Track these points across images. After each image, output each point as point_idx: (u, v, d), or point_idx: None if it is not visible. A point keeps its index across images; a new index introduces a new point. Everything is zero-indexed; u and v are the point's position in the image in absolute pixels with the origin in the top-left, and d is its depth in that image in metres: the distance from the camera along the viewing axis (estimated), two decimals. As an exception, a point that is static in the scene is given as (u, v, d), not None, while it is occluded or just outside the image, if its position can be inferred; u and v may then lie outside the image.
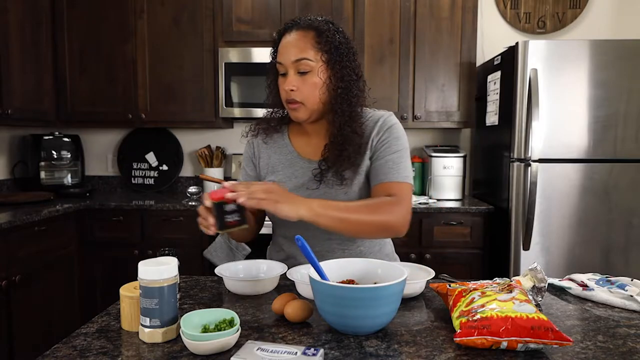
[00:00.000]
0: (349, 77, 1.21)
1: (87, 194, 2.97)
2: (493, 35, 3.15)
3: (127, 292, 0.92)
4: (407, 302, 1.07)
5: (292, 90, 1.19)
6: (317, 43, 1.19)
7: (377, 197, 1.18)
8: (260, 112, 2.84)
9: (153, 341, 0.85)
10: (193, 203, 2.71)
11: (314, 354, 0.76)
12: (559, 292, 1.16)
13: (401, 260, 1.39)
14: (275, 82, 1.27)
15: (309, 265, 0.96)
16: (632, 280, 1.13)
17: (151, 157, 3.29)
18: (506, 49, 2.59)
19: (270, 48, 1.28)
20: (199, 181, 3.27)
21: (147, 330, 0.86)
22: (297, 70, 1.19)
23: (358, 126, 1.22)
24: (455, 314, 0.90)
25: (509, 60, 2.53)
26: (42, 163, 3.01)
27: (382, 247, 1.35)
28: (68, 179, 3.11)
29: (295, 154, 1.31)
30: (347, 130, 1.21)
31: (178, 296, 0.89)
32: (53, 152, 3.05)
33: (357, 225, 1.11)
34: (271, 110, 1.34)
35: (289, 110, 1.24)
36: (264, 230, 1.40)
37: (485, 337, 0.80)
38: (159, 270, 0.86)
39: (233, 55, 2.84)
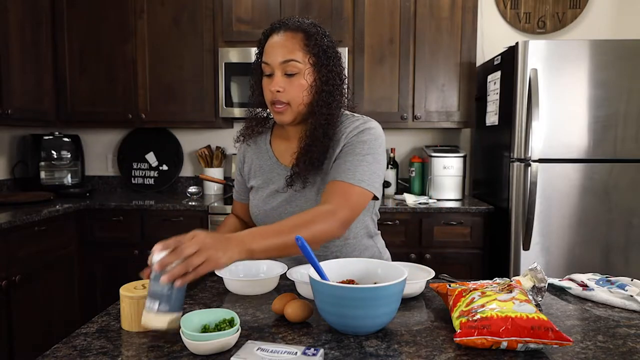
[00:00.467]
0: (333, 81, 1.20)
1: (87, 194, 2.97)
2: (493, 35, 3.15)
3: (127, 292, 0.92)
4: (407, 302, 1.07)
5: (278, 91, 1.18)
6: (306, 45, 1.18)
7: (313, 208, 1.11)
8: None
9: (157, 326, 0.83)
10: (193, 203, 2.71)
11: (314, 354, 0.76)
12: (559, 292, 1.16)
13: (401, 260, 1.39)
14: (259, 83, 1.25)
15: (309, 265, 0.96)
16: (632, 280, 1.13)
17: (151, 157, 3.29)
18: (506, 49, 2.59)
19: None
20: (199, 181, 3.27)
21: (153, 314, 0.83)
22: (284, 72, 1.18)
23: (331, 129, 1.20)
24: (455, 314, 0.90)
25: (509, 60, 2.53)
26: (42, 163, 3.01)
27: (362, 252, 1.31)
28: (68, 179, 3.11)
29: (274, 159, 1.31)
30: (319, 132, 1.19)
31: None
32: (53, 152, 3.05)
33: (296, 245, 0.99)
34: (254, 111, 1.32)
35: (273, 112, 1.23)
36: None
37: (485, 337, 0.80)
38: None
39: (233, 55, 2.84)
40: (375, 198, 1.21)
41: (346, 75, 1.27)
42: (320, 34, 1.20)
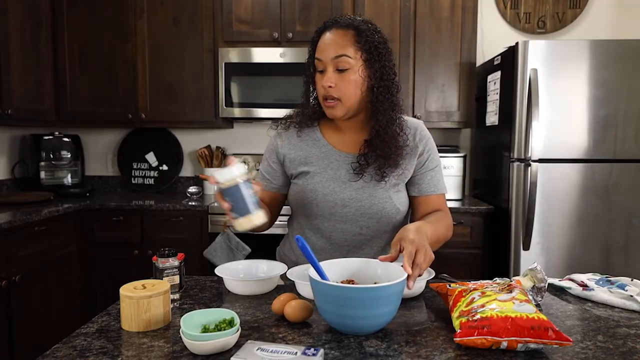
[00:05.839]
0: (387, 76, 1.24)
1: (87, 194, 2.97)
2: (493, 35, 3.14)
3: (127, 292, 0.92)
4: (407, 302, 1.07)
5: (330, 86, 1.20)
6: (357, 42, 1.20)
7: (439, 215, 1.29)
8: (261, 112, 2.86)
9: (248, 227, 1.00)
10: (193, 203, 2.71)
11: (314, 354, 0.76)
12: (559, 292, 1.17)
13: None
14: (313, 79, 1.28)
15: (309, 265, 0.96)
16: (632, 280, 1.13)
17: (151, 157, 3.29)
18: (506, 49, 2.58)
19: (309, 47, 1.30)
20: (199, 181, 3.27)
21: (241, 220, 0.99)
22: (336, 68, 1.20)
23: (399, 127, 1.26)
24: (455, 314, 0.90)
25: (509, 60, 2.53)
26: (42, 163, 3.01)
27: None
28: (68, 179, 3.11)
29: (329, 147, 1.32)
30: (392, 129, 1.24)
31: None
32: (53, 152, 3.05)
33: (439, 244, 1.24)
34: (305, 105, 1.34)
35: (325, 107, 1.25)
36: (268, 231, 1.39)
37: (485, 337, 0.80)
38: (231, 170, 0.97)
39: (233, 55, 2.84)
40: None
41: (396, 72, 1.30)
42: (371, 30, 1.22)
